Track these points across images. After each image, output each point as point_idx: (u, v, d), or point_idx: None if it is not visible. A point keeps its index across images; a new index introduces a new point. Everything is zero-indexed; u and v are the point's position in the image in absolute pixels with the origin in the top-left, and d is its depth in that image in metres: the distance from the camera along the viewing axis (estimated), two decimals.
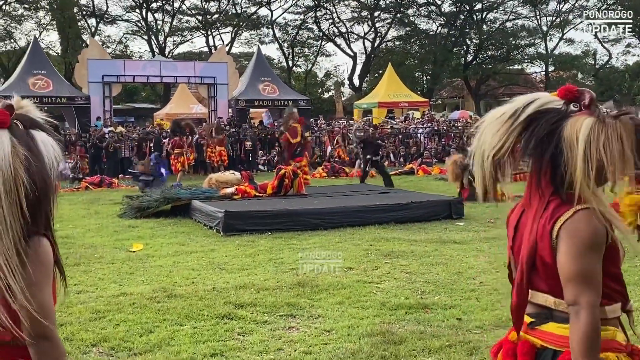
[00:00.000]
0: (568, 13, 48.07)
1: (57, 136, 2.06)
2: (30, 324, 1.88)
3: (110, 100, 27.01)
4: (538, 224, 2.11)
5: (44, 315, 1.90)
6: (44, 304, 1.90)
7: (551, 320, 2.14)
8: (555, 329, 2.12)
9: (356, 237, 10.00)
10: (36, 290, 1.89)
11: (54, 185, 1.96)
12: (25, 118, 1.99)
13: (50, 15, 43.73)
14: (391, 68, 37.85)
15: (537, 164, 2.14)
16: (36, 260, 1.90)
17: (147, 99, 52.03)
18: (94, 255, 9.10)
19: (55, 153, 1.99)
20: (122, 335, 5.56)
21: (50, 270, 1.95)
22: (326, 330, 5.65)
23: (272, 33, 49.01)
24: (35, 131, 1.98)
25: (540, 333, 2.16)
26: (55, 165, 1.98)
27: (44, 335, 1.91)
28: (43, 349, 1.91)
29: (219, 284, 7.30)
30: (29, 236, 1.90)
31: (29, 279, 1.88)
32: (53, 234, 2.01)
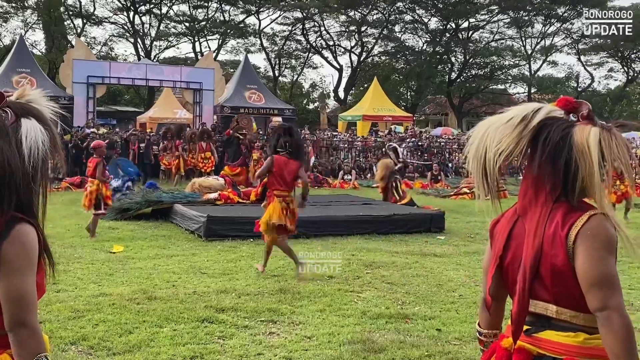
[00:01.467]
0: (553, 36, 48.72)
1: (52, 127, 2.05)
2: (9, 310, 1.87)
3: (94, 101, 26.86)
4: (545, 231, 2.09)
5: (24, 302, 1.88)
6: (25, 291, 1.88)
7: (548, 329, 2.13)
8: (554, 336, 2.11)
9: (338, 247, 10.02)
10: (17, 276, 1.87)
11: (30, 173, 1.94)
12: (19, 106, 1.99)
13: (36, 14, 43.47)
14: (376, 82, 38.07)
15: (546, 169, 2.12)
16: (16, 247, 1.88)
17: (130, 102, 51.78)
18: (74, 255, 9.03)
19: (40, 141, 1.96)
20: (102, 335, 5.52)
21: (33, 258, 1.93)
22: (307, 337, 5.66)
23: (260, 42, 49.10)
24: (25, 119, 1.97)
25: (538, 340, 2.14)
26: (39, 153, 1.95)
27: (22, 323, 1.88)
28: (21, 337, 1.89)
29: (200, 288, 7.27)
30: (7, 223, 1.89)
31: (8, 265, 1.86)
32: (38, 223, 2.00)
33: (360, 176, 25.54)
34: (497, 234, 2.27)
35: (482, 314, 2.39)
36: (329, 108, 52.22)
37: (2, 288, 1.88)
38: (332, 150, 28.51)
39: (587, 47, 49.21)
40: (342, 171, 24.34)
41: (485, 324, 2.39)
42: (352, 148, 29.14)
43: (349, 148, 29.16)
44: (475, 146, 2.21)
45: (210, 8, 47.83)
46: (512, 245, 2.20)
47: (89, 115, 26.05)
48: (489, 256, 2.32)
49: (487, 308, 2.36)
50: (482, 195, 2.22)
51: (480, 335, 2.41)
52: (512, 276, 2.20)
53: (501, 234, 2.24)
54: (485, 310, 2.37)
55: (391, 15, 48.70)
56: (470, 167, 2.22)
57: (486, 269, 2.32)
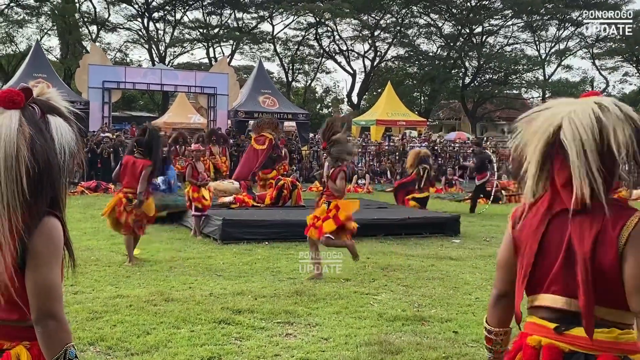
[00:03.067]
0: (567, 40, 48.52)
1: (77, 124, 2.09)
2: (37, 301, 1.89)
3: (109, 106, 27.04)
4: (597, 229, 2.05)
5: (51, 293, 1.92)
6: (52, 283, 1.92)
7: (577, 325, 2.07)
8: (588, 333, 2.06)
9: None
10: (45, 268, 1.91)
11: (61, 168, 1.98)
12: (44, 103, 2.03)
13: (51, 21, 43.86)
14: (390, 87, 38.03)
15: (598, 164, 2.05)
16: (44, 239, 1.91)
17: (145, 107, 52.08)
18: (91, 258, 9.09)
19: (69, 139, 2.01)
20: (119, 336, 5.55)
21: (59, 250, 1.97)
22: (323, 338, 5.66)
23: (273, 48, 49.24)
24: (52, 116, 2.01)
25: (570, 338, 2.09)
26: (67, 150, 1.99)
27: (50, 314, 1.91)
28: (49, 327, 1.92)
29: (216, 290, 7.30)
30: (37, 216, 1.92)
31: (37, 257, 1.90)
32: (64, 217, 2.03)
33: (374, 180, 25.53)
34: (526, 231, 2.19)
35: (493, 312, 2.34)
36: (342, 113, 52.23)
37: (31, 280, 1.90)
38: None
39: (601, 52, 48.96)
40: (355, 175, 24.33)
41: (496, 321, 2.34)
42: (366, 152, 29.15)
43: (363, 153, 29.17)
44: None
45: (223, 15, 48.08)
46: (550, 241, 2.14)
47: (104, 120, 26.24)
48: (507, 251, 2.26)
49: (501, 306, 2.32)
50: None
51: (490, 334, 2.35)
52: (543, 272, 2.15)
53: (533, 230, 2.16)
54: (498, 307, 2.33)
55: (405, 20, 48.70)
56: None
57: (504, 264, 2.28)
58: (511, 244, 2.24)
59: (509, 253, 2.25)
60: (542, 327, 2.14)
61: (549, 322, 2.14)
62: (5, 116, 1.91)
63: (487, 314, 2.37)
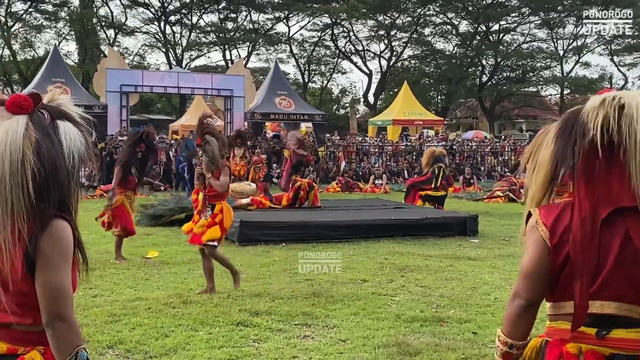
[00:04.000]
0: (585, 37, 48.08)
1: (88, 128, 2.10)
2: (46, 304, 1.90)
3: (127, 109, 27.20)
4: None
5: (61, 296, 1.92)
6: (61, 285, 1.93)
7: (614, 327, 2.08)
8: (626, 334, 2.07)
9: (371, 251, 10.01)
10: (53, 271, 1.91)
11: (70, 172, 1.98)
12: (54, 109, 2.03)
13: (69, 26, 44.26)
14: (406, 86, 37.92)
15: None
16: (52, 242, 1.92)
17: (162, 111, 52.41)
18: (109, 261, 9.15)
19: (78, 143, 2.01)
20: (138, 339, 5.58)
21: (69, 253, 1.97)
22: (341, 340, 5.65)
23: (289, 49, 49.31)
24: (61, 121, 2.02)
25: (611, 341, 2.08)
26: (76, 154, 2.00)
27: (60, 316, 1.92)
28: (59, 330, 1.92)
29: (234, 292, 7.31)
30: (45, 219, 1.93)
31: (46, 260, 1.91)
32: (74, 219, 2.03)
33: (391, 180, 25.47)
34: (574, 241, 2.09)
35: (520, 324, 2.20)
36: (358, 113, 52.23)
37: (40, 283, 1.92)
38: (363, 155, 28.50)
39: (620, 48, 48.47)
40: (372, 176, 24.29)
41: (522, 334, 2.20)
42: (383, 153, 29.09)
43: (380, 153, 29.11)
44: None
45: (239, 17, 48.24)
46: (610, 240, 2.08)
47: (122, 123, 26.39)
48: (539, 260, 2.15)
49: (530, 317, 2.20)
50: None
51: (512, 349, 2.20)
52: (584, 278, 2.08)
53: (589, 242, 2.07)
54: (526, 318, 2.19)
55: (420, 19, 48.56)
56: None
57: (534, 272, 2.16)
58: (547, 255, 2.13)
59: (542, 263, 2.14)
60: (580, 333, 2.09)
61: (587, 327, 2.09)
62: (12, 121, 1.92)
63: (508, 327, 2.22)
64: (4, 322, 1.94)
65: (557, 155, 2.12)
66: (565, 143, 2.10)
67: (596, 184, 2.09)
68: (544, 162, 2.16)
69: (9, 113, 1.94)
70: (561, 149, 2.10)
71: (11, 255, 1.87)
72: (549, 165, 2.14)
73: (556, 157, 2.12)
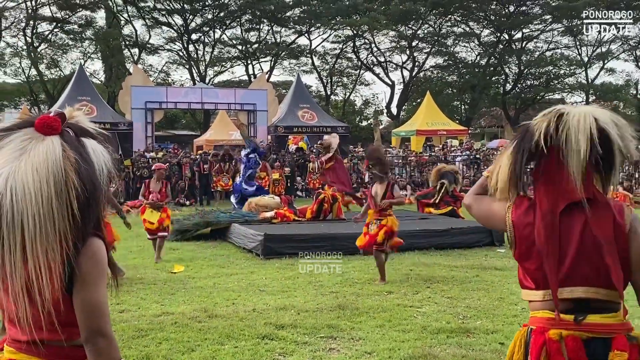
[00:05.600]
0: (609, 43, 47.59)
1: (107, 145, 2.13)
2: (87, 320, 1.94)
3: (152, 126, 27.50)
4: (609, 215, 2.36)
5: (100, 312, 1.96)
6: (100, 302, 1.96)
7: (590, 313, 2.33)
8: (600, 319, 2.33)
9: (396, 262, 9.96)
10: (93, 288, 1.95)
11: (103, 189, 2.02)
12: (77, 126, 2.06)
13: (94, 45, 44.92)
14: (429, 96, 37.82)
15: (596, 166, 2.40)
16: (90, 260, 1.96)
17: (187, 126, 52.83)
18: (136, 276, 9.22)
19: (105, 159, 2.05)
20: (165, 354, 5.61)
21: (104, 270, 2.01)
22: (367, 352, 5.63)
23: (311, 62, 49.50)
24: (85, 139, 2.05)
25: (588, 326, 2.33)
26: (105, 171, 2.04)
27: (100, 332, 1.95)
28: (99, 345, 1.95)
29: (259, 305, 7.33)
30: (85, 238, 1.96)
31: (85, 278, 1.94)
32: (105, 236, 2.07)
33: (415, 191, 25.33)
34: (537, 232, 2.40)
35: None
36: (382, 124, 52.17)
37: (79, 300, 1.95)
38: None
39: None
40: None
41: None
42: (407, 164, 28.98)
43: (404, 164, 29.01)
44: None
45: (262, 30, 48.58)
46: (570, 230, 2.38)
47: (147, 140, 26.67)
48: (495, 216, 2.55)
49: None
50: None
51: None
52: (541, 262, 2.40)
53: (550, 233, 2.37)
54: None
55: (442, 29, 48.48)
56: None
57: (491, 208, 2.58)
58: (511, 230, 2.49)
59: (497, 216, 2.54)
60: (561, 321, 2.35)
61: (566, 314, 2.35)
62: (47, 143, 1.94)
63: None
64: (38, 338, 1.96)
65: (514, 159, 2.44)
66: (518, 150, 2.44)
67: (551, 183, 2.41)
68: (504, 163, 2.49)
69: (40, 134, 1.96)
70: (516, 155, 2.44)
71: (53, 274, 1.89)
72: (506, 167, 2.47)
73: (514, 160, 2.44)
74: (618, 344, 2.31)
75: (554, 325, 2.35)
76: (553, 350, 2.33)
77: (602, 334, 2.32)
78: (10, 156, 1.90)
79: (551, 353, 2.34)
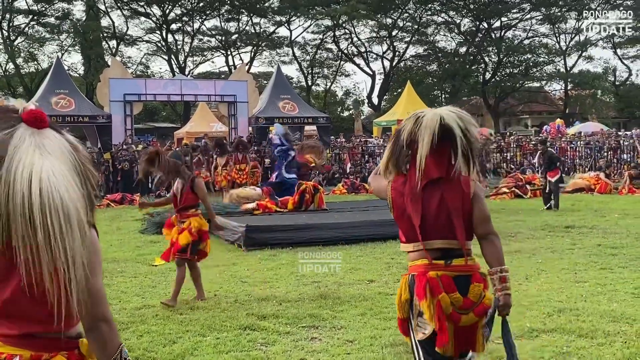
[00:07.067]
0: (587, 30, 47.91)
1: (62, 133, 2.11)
2: (92, 308, 1.96)
3: (131, 118, 27.26)
4: (459, 187, 3.26)
5: (102, 299, 2.00)
6: (101, 289, 2.01)
7: (454, 258, 3.23)
8: (461, 262, 3.24)
9: (377, 251, 10.00)
10: (94, 277, 1.97)
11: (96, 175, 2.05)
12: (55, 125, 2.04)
13: (72, 38, 44.46)
14: (410, 86, 37.90)
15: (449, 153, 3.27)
16: (92, 249, 1.98)
17: (167, 119, 52.56)
18: (117, 269, 9.18)
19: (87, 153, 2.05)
20: (146, 346, 5.60)
21: (101, 258, 2.05)
22: (349, 341, 5.66)
23: (292, 52, 49.38)
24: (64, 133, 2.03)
25: (454, 267, 3.23)
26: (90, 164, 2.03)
27: (103, 318, 1.99)
28: (103, 330, 1.99)
29: (241, 297, 7.33)
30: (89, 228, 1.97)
31: (89, 266, 1.94)
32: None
33: None
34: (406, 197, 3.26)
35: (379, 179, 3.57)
36: (363, 114, 52.21)
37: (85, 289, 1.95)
38: (368, 156, 28.46)
39: (623, 40, 48.29)
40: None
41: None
42: None
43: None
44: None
45: (241, 21, 48.37)
46: (430, 198, 3.25)
47: (127, 132, 26.46)
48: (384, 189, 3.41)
49: None
50: None
51: None
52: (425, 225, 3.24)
53: (415, 198, 3.24)
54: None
55: (422, 18, 48.56)
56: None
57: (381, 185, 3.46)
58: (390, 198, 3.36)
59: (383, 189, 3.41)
60: (434, 265, 3.23)
61: (438, 260, 3.23)
62: (48, 135, 1.91)
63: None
64: (29, 332, 1.96)
65: (391, 149, 3.33)
66: (395, 143, 3.31)
67: (417, 166, 3.22)
68: (386, 154, 3.38)
69: (33, 129, 1.91)
70: (392, 147, 3.32)
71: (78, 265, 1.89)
72: (387, 155, 3.36)
73: (391, 150, 3.33)
74: (476, 278, 3.25)
75: (432, 268, 3.21)
76: (434, 285, 3.17)
77: (464, 272, 3.23)
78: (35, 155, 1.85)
79: (433, 287, 3.17)
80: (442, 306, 3.15)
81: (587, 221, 13.17)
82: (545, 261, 9.12)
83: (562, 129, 35.79)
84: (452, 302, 3.16)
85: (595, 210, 15.24)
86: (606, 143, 28.38)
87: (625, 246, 10.13)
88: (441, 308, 3.16)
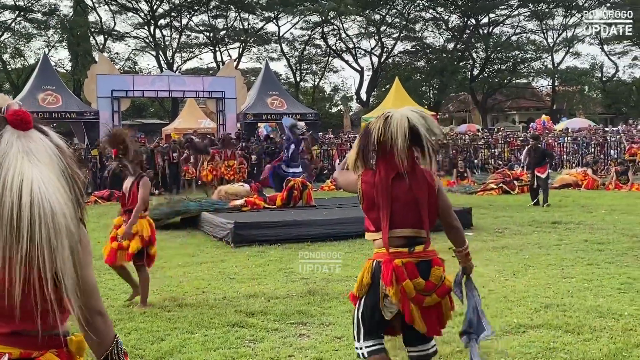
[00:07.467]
0: (574, 27, 48.16)
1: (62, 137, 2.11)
2: (86, 302, 1.95)
3: (119, 115, 27.11)
4: (425, 180, 3.59)
5: (95, 292, 2.01)
6: (94, 282, 2.02)
7: (416, 245, 3.55)
8: (422, 248, 3.56)
9: (365, 247, 9.98)
10: (86, 270, 1.97)
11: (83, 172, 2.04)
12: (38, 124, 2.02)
13: (59, 34, 44.16)
14: (398, 82, 37.91)
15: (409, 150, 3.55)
16: (84, 244, 1.97)
17: (155, 115, 52.37)
18: (104, 267, 9.09)
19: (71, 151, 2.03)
20: (134, 343, 5.58)
21: (91, 251, 2.06)
22: (337, 337, 5.66)
23: (280, 49, 49.31)
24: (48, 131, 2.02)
25: (417, 254, 3.55)
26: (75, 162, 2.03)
27: (98, 311, 2.01)
28: (98, 323, 2.01)
29: (230, 293, 7.32)
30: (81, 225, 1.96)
31: (81, 260, 1.94)
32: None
33: None
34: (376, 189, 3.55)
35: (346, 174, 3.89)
36: (351, 110, 52.24)
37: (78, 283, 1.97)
38: None
39: (609, 37, 48.54)
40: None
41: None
42: None
43: None
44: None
45: (229, 17, 48.24)
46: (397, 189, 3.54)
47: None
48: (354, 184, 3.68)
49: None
50: None
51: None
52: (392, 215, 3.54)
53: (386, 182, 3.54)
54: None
55: (410, 14, 48.61)
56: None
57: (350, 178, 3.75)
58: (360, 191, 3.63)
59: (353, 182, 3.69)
60: (399, 252, 3.53)
61: (401, 248, 3.53)
62: (34, 138, 1.88)
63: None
64: (17, 329, 1.94)
65: (359, 146, 3.60)
66: (363, 140, 3.59)
67: (385, 161, 3.55)
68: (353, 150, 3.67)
69: (19, 130, 1.87)
70: (360, 144, 3.60)
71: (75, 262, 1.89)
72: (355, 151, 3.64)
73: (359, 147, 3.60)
74: (436, 262, 3.59)
75: (397, 256, 3.50)
76: (399, 272, 3.47)
77: (425, 258, 3.56)
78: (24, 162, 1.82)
79: (398, 274, 3.47)
80: (407, 291, 3.48)
81: (574, 217, 13.26)
82: (532, 257, 9.16)
83: (548, 125, 35.98)
84: (415, 286, 3.49)
85: (582, 206, 15.33)
86: (593, 139, 28.56)
87: (612, 242, 10.20)
88: (405, 293, 3.49)
